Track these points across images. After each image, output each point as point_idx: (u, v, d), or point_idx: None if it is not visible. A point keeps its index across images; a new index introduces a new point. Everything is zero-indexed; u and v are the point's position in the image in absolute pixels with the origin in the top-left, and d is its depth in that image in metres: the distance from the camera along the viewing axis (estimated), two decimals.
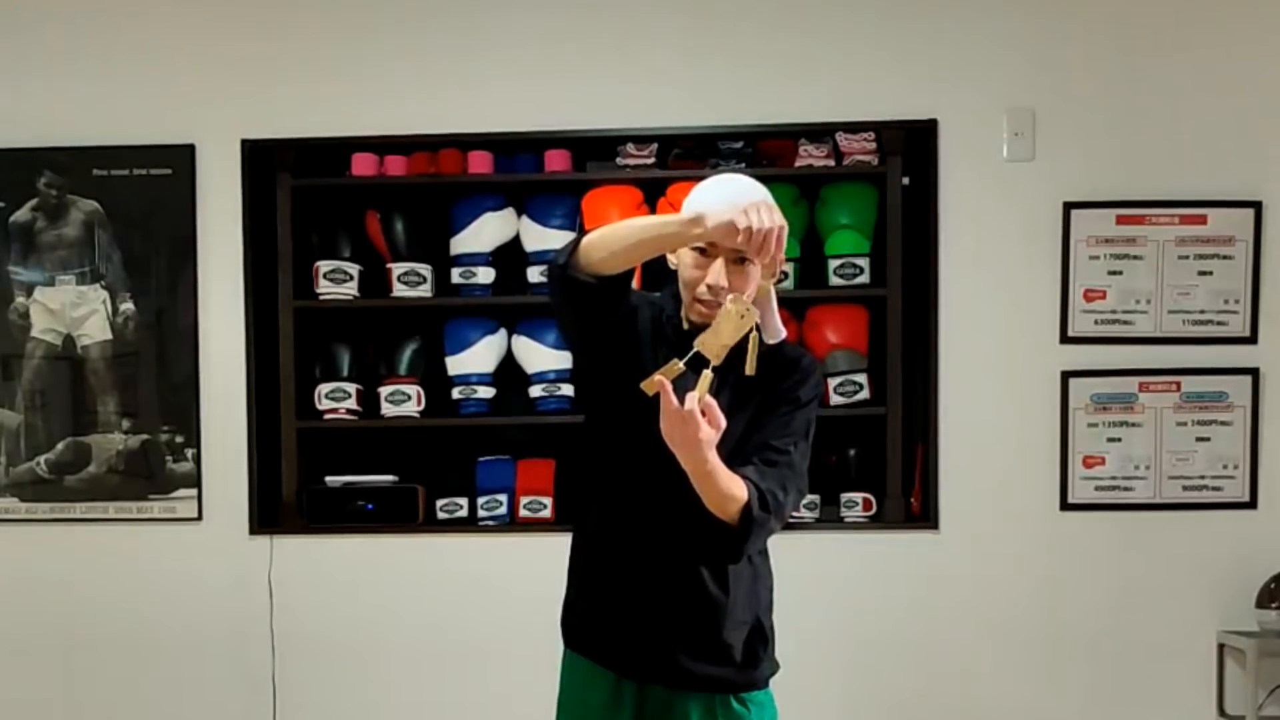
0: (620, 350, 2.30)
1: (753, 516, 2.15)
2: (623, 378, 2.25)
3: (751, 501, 2.15)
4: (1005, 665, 3.94)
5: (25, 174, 4.08)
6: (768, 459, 2.24)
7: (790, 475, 2.25)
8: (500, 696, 3.96)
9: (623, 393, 2.25)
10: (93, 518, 4.08)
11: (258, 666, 4.03)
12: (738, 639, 2.32)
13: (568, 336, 2.41)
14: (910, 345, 3.98)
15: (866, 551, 3.97)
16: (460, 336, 4.07)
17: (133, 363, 4.08)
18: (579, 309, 2.25)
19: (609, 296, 2.22)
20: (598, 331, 2.29)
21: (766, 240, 2.06)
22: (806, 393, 2.33)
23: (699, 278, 2.21)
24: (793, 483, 2.25)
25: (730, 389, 2.25)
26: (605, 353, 2.32)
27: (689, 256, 2.23)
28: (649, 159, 4.02)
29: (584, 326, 2.30)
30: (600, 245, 2.16)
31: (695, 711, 2.32)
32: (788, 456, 2.26)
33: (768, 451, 2.25)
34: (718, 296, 2.18)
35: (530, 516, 4.02)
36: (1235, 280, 3.93)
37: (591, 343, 2.33)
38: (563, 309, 2.29)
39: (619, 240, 2.15)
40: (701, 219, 2.07)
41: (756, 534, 2.18)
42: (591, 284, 2.18)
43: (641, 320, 2.32)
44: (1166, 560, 3.93)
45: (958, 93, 3.94)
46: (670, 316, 2.32)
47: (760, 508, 2.16)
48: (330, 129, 4.03)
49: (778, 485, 2.21)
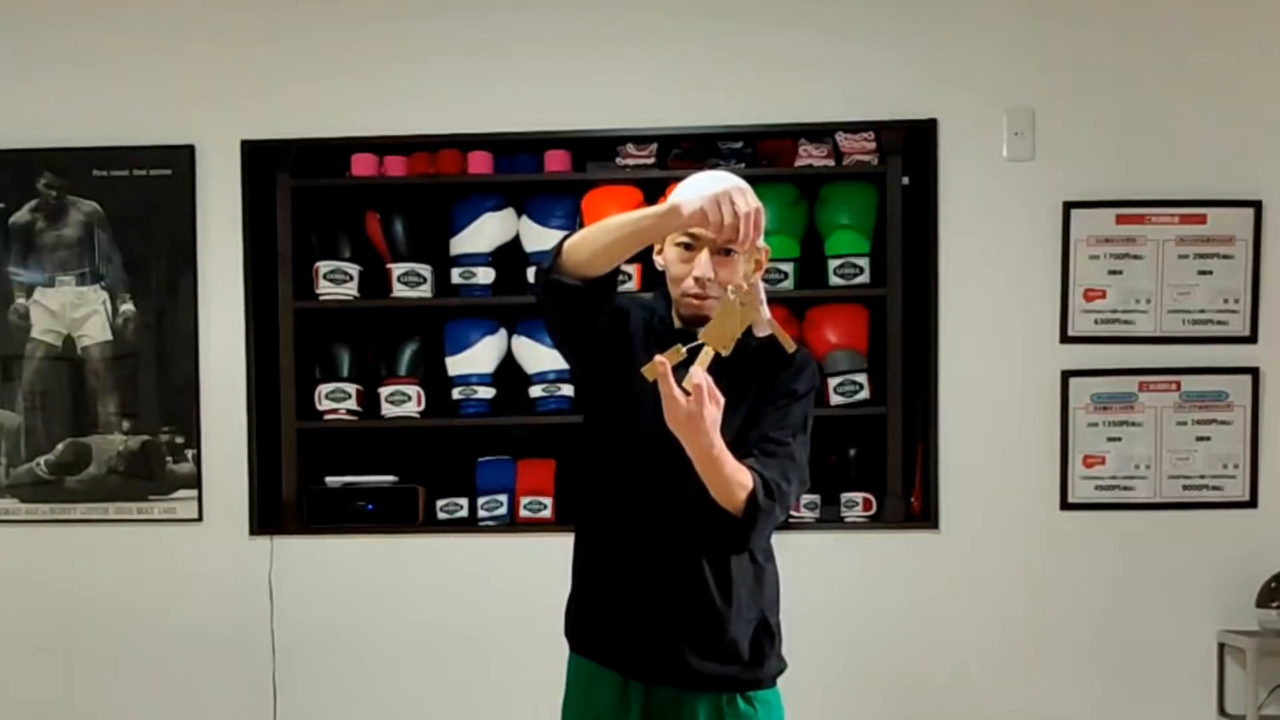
0: (612, 353, 2.31)
1: (758, 504, 2.15)
2: (617, 380, 2.26)
3: (757, 489, 2.15)
4: (1005, 665, 3.94)
5: (25, 175, 4.08)
6: (768, 450, 2.25)
7: (791, 466, 2.25)
8: (500, 696, 3.96)
9: (619, 394, 2.26)
10: (93, 519, 4.08)
11: (258, 667, 4.03)
12: (744, 636, 2.32)
13: (558, 342, 2.43)
14: (910, 345, 3.98)
15: (866, 551, 3.97)
16: (460, 337, 4.07)
17: (133, 363, 4.08)
18: (568, 313, 2.26)
19: (595, 298, 2.23)
20: (587, 335, 2.30)
21: (745, 224, 2.09)
22: (803, 385, 2.33)
23: (685, 272, 2.23)
24: (794, 473, 2.26)
25: (725, 384, 2.25)
26: (597, 356, 2.33)
27: (674, 253, 2.26)
28: (649, 159, 4.02)
29: (573, 331, 2.32)
30: (582, 246, 2.18)
31: (703, 711, 2.31)
32: (787, 448, 2.26)
33: (767, 443, 2.26)
34: (705, 289, 2.20)
35: (530, 517, 4.02)
36: (1235, 280, 3.93)
37: (582, 347, 2.35)
38: (552, 315, 2.31)
39: (599, 239, 2.17)
40: (678, 209, 2.10)
41: (762, 522, 2.18)
42: (578, 287, 2.19)
43: (633, 322, 2.34)
44: (1167, 560, 3.94)
45: (958, 92, 3.94)
46: (662, 317, 2.34)
47: (765, 495, 2.16)
48: (330, 129, 4.04)
49: (780, 475, 2.21)
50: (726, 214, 2.07)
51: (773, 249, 3.87)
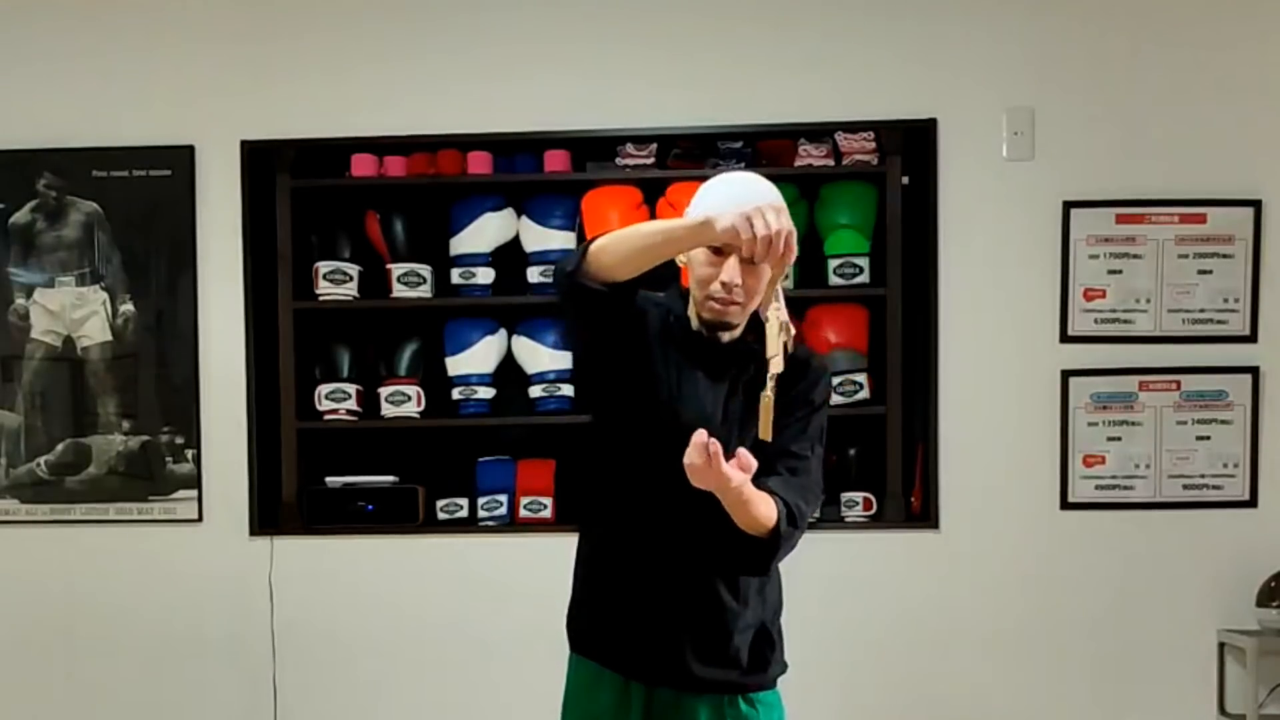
0: (631, 355, 2.29)
1: (780, 533, 2.16)
2: (634, 382, 2.25)
3: (780, 520, 2.16)
4: (1005, 664, 3.94)
5: (25, 175, 4.08)
6: (790, 466, 2.25)
7: (810, 483, 2.27)
8: (501, 696, 3.96)
9: (635, 397, 2.25)
10: (93, 519, 4.08)
11: (258, 667, 4.03)
12: (745, 642, 2.32)
13: (577, 344, 2.41)
14: (910, 345, 3.98)
15: (866, 551, 3.97)
16: (460, 337, 4.07)
17: (132, 364, 4.08)
18: (590, 317, 2.24)
19: (619, 302, 2.20)
20: (609, 338, 2.27)
21: (774, 244, 2.05)
22: (819, 395, 2.33)
23: (712, 275, 2.19)
24: (812, 491, 2.28)
25: (743, 394, 2.25)
26: (616, 358, 2.30)
27: (702, 255, 2.21)
28: (648, 159, 4.02)
29: (596, 334, 2.29)
30: (609, 251, 2.15)
31: (703, 713, 2.31)
32: (806, 463, 2.27)
33: (788, 459, 2.25)
34: (731, 294, 2.18)
35: (530, 517, 4.02)
36: (1235, 279, 3.93)
37: (603, 349, 2.31)
38: (573, 318, 2.28)
39: (628, 246, 2.14)
40: (710, 223, 2.07)
41: (784, 549, 2.20)
42: (603, 291, 2.16)
43: (650, 322, 2.31)
44: (1167, 559, 3.94)
45: (957, 92, 3.94)
46: (679, 317, 2.31)
47: (789, 523, 2.17)
48: (329, 130, 4.04)
49: (800, 497, 2.22)
50: (760, 230, 2.04)
51: None
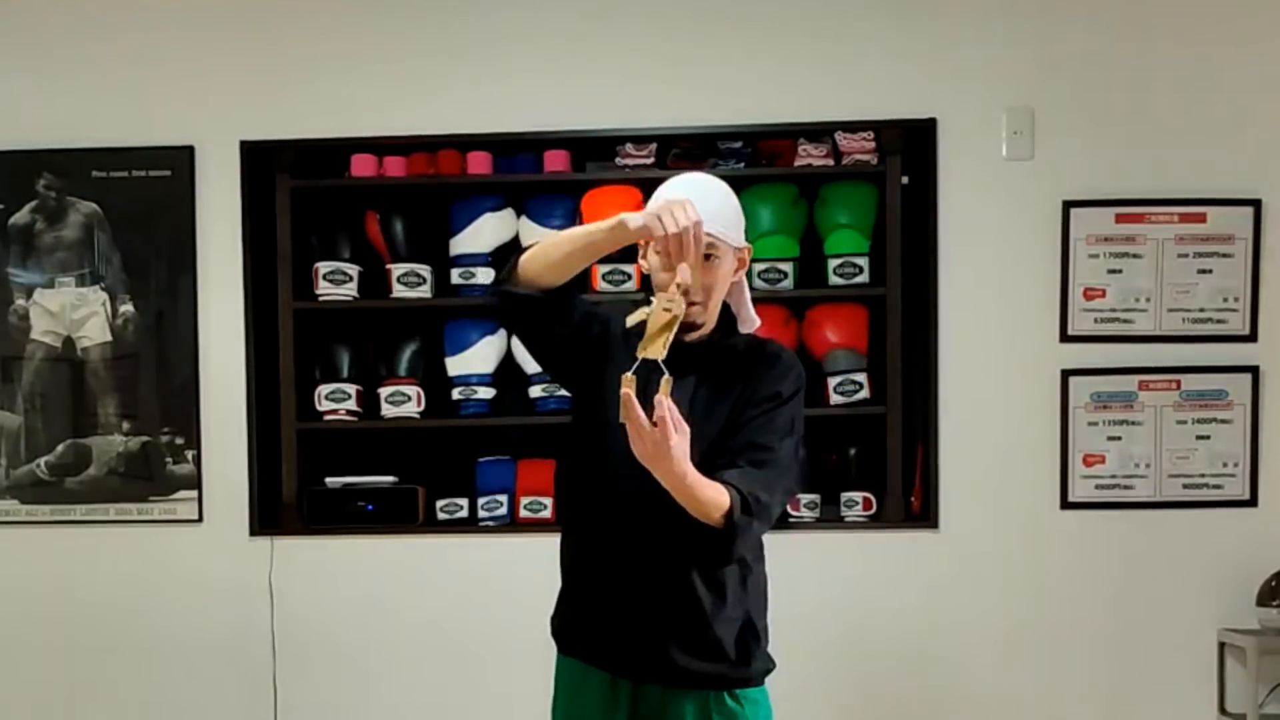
0: (590, 359, 2.36)
1: (734, 522, 2.17)
2: (595, 385, 2.30)
3: (734, 507, 2.17)
4: (1005, 664, 3.94)
5: (24, 176, 4.08)
6: (753, 459, 2.25)
7: (775, 475, 2.26)
8: (500, 697, 3.96)
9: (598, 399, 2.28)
10: (93, 520, 4.08)
11: (258, 668, 4.03)
12: (729, 635, 2.33)
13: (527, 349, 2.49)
14: (910, 345, 3.97)
15: (866, 551, 3.97)
16: (460, 337, 4.07)
17: (132, 364, 4.08)
18: (527, 322, 2.36)
19: (554, 307, 2.31)
20: (548, 342, 2.39)
21: (681, 242, 2.14)
22: (788, 387, 2.34)
23: (668, 280, 2.24)
24: (778, 482, 2.26)
25: (708, 387, 2.27)
26: (570, 363, 2.41)
27: (655, 260, 2.31)
28: (648, 159, 4.02)
29: (537, 339, 2.41)
30: (536, 259, 2.29)
31: (690, 709, 2.32)
32: (772, 454, 2.27)
33: (752, 451, 2.26)
34: (688, 295, 2.22)
35: (530, 517, 4.02)
36: (1235, 278, 3.93)
37: (547, 354, 2.44)
38: (509, 326, 2.40)
39: (551, 253, 2.27)
40: (624, 223, 2.19)
41: (742, 537, 2.20)
42: (536, 297, 2.29)
43: (614, 329, 2.36)
44: (1167, 558, 3.93)
45: (957, 92, 3.94)
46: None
47: (743, 511, 2.18)
48: (329, 130, 4.03)
49: (761, 487, 2.22)
50: (669, 227, 2.13)
51: (772, 249, 3.93)
